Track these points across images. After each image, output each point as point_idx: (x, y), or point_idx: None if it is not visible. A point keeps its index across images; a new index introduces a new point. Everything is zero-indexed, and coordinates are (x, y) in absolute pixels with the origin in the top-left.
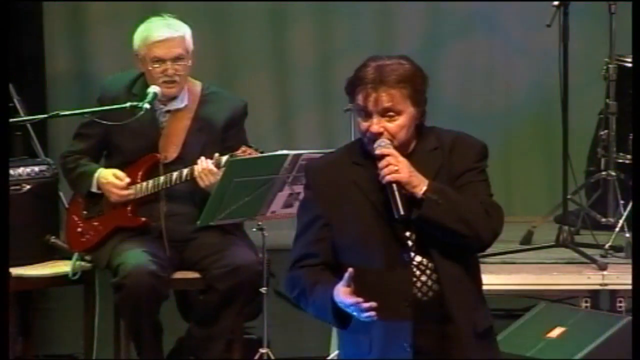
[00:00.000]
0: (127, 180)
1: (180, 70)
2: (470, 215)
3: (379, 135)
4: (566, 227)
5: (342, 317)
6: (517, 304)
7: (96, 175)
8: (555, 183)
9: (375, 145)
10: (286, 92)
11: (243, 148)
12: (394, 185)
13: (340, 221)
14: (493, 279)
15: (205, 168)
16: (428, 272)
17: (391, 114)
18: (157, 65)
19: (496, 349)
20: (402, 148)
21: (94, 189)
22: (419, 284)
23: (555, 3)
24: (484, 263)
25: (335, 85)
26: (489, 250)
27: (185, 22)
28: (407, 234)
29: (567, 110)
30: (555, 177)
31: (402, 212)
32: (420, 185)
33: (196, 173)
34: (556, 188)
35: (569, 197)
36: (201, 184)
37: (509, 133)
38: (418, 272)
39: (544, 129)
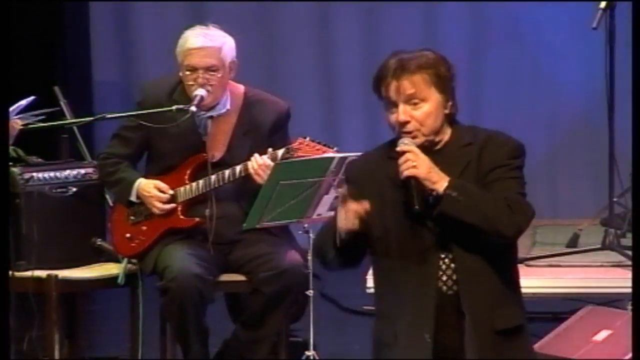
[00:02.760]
0: (171, 192)
1: (211, 81)
2: (490, 212)
3: (405, 123)
4: (612, 230)
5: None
6: (563, 307)
7: (136, 185)
8: (602, 186)
9: (399, 143)
10: (332, 94)
11: (300, 140)
12: (412, 181)
13: (373, 214)
14: (539, 282)
15: (262, 164)
16: (453, 266)
17: (415, 101)
18: (189, 73)
19: (523, 348)
20: (432, 136)
21: (133, 198)
22: (444, 278)
23: (602, 5)
24: (530, 266)
25: None
26: (536, 254)
27: (230, 30)
28: (435, 226)
29: (613, 112)
30: (601, 179)
31: (417, 207)
32: (441, 182)
33: (251, 170)
34: (602, 191)
35: (615, 199)
36: (258, 179)
37: (555, 136)
38: (444, 267)
39: (590, 131)
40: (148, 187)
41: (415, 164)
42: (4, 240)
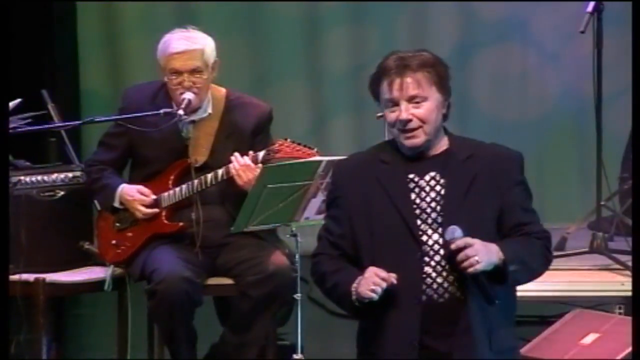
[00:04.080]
0: (153, 196)
1: (197, 83)
2: (536, 265)
3: (408, 122)
4: (600, 234)
5: (357, 309)
6: (551, 311)
7: (119, 190)
8: (589, 189)
9: (448, 239)
10: (319, 98)
11: (280, 141)
12: (480, 276)
13: (361, 218)
14: (526, 286)
15: (243, 164)
16: (444, 273)
17: (418, 99)
18: (173, 77)
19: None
20: (432, 137)
21: (116, 204)
22: (435, 286)
23: (589, 9)
24: None
25: (368, 93)
26: None
27: (218, 33)
28: (426, 236)
29: (600, 116)
30: (588, 183)
31: (496, 300)
32: (496, 254)
33: (233, 171)
34: (590, 194)
35: (602, 203)
36: (239, 181)
37: (543, 140)
38: (434, 274)
39: (578, 135)
40: (131, 192)
41: (477, 257)
42: (4, 241)
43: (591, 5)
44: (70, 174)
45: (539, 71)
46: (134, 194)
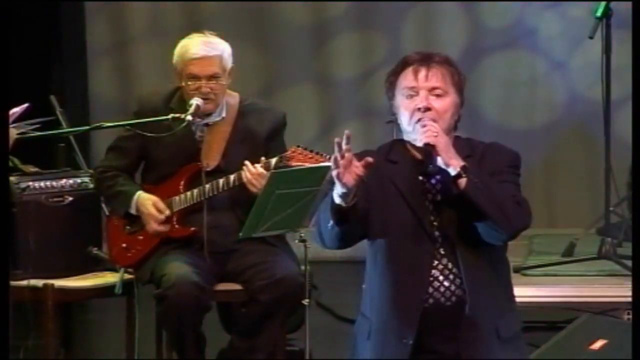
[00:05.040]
0: (167, 212)
1: (215, 89)
2: (504, 202)
3: (427, 110)
4: (608, 239)
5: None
6: (559, 316)
7: (135, 198)
8: (598, 195)
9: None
10: (328, 104)
11: (293, 148)
12: (429, 150)
13: (375, 213)
14: (535, 291)
15: (255, 172)
16: (451, 277)
17: (439, 92)
18: (191, 82)
19: (523, 353)
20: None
21: (132, 211)
22: (442, 289)
23: (598, 14)
24: (526, 275)
25: (377, 98)
26: (532, 263)
27: (227, 38)
28: (437, 233)
29: (609, 122)
30: (597, 189)
31: (431, 166)
32: (456, 161)
33: (245, 179)
34: (598, 200)
35: (611, 209)
36: (252, 189)
37: (551, 145)
38: (441, 277)
39: (586, 141)
40: (147, 204)
41: (437, 134)
42: (4, 242)
43: (600, 10)
44: (78, 180)
45: (547, 77)
46: (149, 207)
